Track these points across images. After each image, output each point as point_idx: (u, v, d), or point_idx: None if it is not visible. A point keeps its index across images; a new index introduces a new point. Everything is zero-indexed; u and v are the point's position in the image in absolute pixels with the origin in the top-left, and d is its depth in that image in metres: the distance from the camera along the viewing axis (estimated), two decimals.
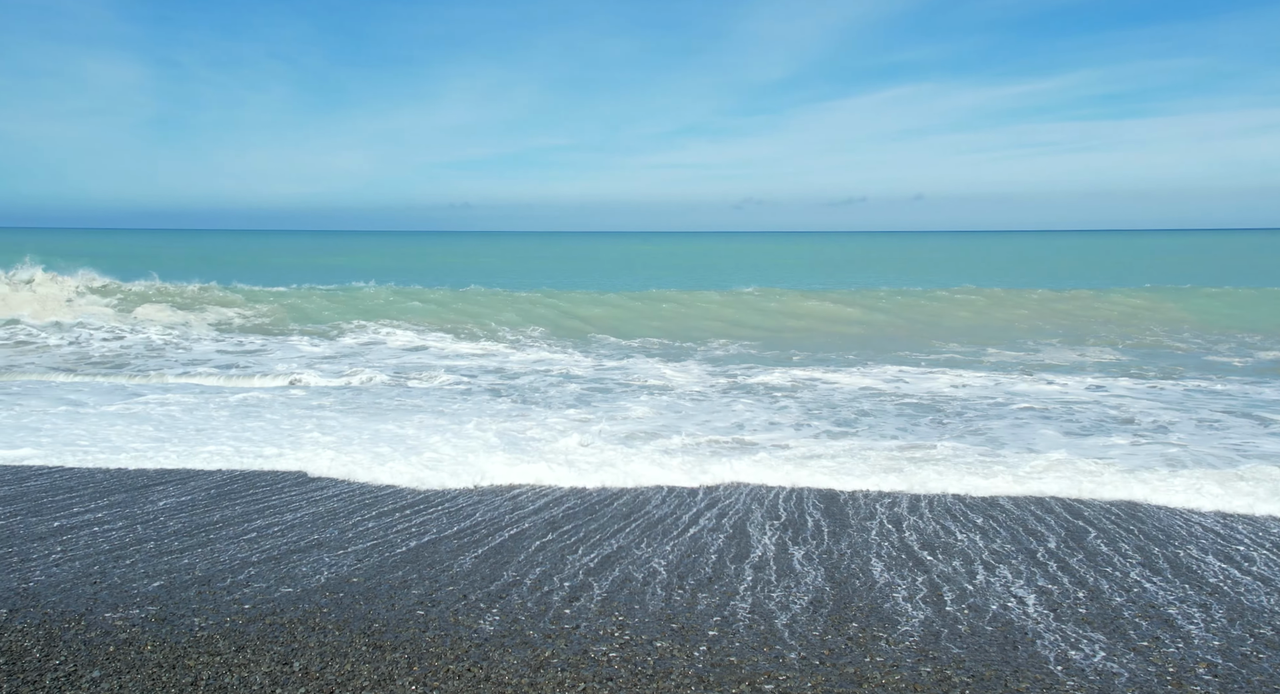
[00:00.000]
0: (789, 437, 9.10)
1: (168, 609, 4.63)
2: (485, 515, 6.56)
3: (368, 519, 6.42)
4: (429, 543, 5.89)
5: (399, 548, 5.78)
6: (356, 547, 5.78)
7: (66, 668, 3.91)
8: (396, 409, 10.49)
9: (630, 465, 7.80)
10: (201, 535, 5.94)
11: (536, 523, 6.39)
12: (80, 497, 6.81)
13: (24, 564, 5.27)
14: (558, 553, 5.71)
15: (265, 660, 4.04)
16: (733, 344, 17.47)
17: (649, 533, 6.16)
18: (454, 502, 6.95)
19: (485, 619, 4.59)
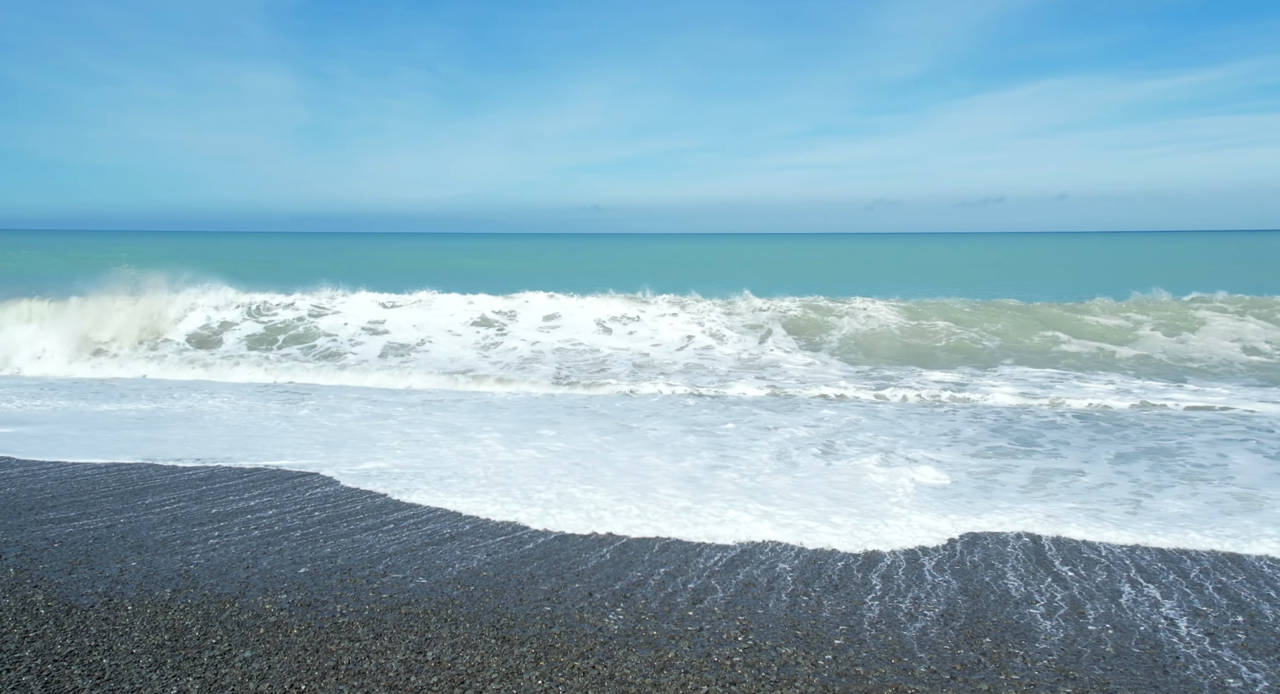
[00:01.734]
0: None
1: (312, 595, 4.88)
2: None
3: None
4: (556, 539, 6.00)
5: (528, 543, 5.91)
6: (487, 542, 5.94)
7: (222, 647, 4.17)
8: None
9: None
10: (344, 525, 6.23)
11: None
12: (236, 487, 7.26)
13: (187, 548, 5.65)
14: (682, 554, 5.72)
15: (401, 649, 4.20)
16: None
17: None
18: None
19: (610, 617, 4.64)
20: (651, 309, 17.98)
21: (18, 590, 4.80)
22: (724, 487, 7.33)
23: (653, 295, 18.56)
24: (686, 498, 6.96)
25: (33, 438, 9.10)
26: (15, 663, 3.91)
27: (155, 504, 6.66)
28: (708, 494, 7.09)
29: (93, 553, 5.48)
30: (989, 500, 6.94)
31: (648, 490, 7.19)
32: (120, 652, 4.07)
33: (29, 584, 4.91)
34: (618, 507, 6.73)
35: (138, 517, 6.32)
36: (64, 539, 5.74)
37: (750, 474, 7.73)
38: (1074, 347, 15.25)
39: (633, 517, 6.49)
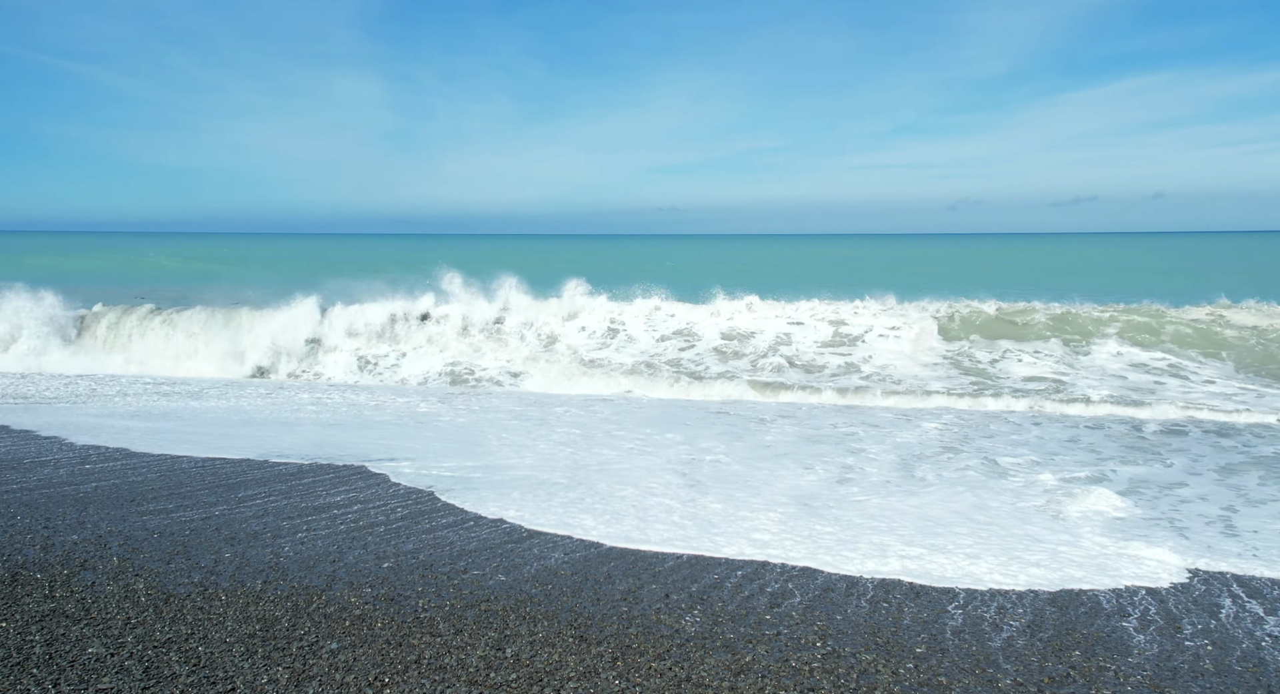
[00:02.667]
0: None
1: (395, 590, 4.99)
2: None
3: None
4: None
5: (605, 543, 5.94)
6: (565, 541, 5.99)
7: (309, 638, 4.30)
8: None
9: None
10: (425, 522, 6.35)
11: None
12: (323, 481, 7.47)
13: (277, 541, 5.84)
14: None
15: (480, 645, 4.26)
16: None
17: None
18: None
19: (687, 619, 4.63)
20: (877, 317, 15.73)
21: (121, 578, 5.03)
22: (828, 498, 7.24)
23: (869, 301, 16.15)
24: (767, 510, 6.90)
25: (173, 433, 9.51)
26: (119, 647, 4.09)
27: (248, 498, 6.90)
28: (752, 501, 7.03)
29: (189, 544, 5.70)
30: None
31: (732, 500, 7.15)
32: (214, 640, 4.22)
33: (131, 572, 5.13)
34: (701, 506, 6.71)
35: (231, 510, 6.55)
36: (163, 530, 5.98)
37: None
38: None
39: (672, 526, 6.47)
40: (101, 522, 6.12)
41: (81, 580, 4.97)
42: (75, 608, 4.56)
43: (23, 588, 4.82)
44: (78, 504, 6.56)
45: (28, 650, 4.02)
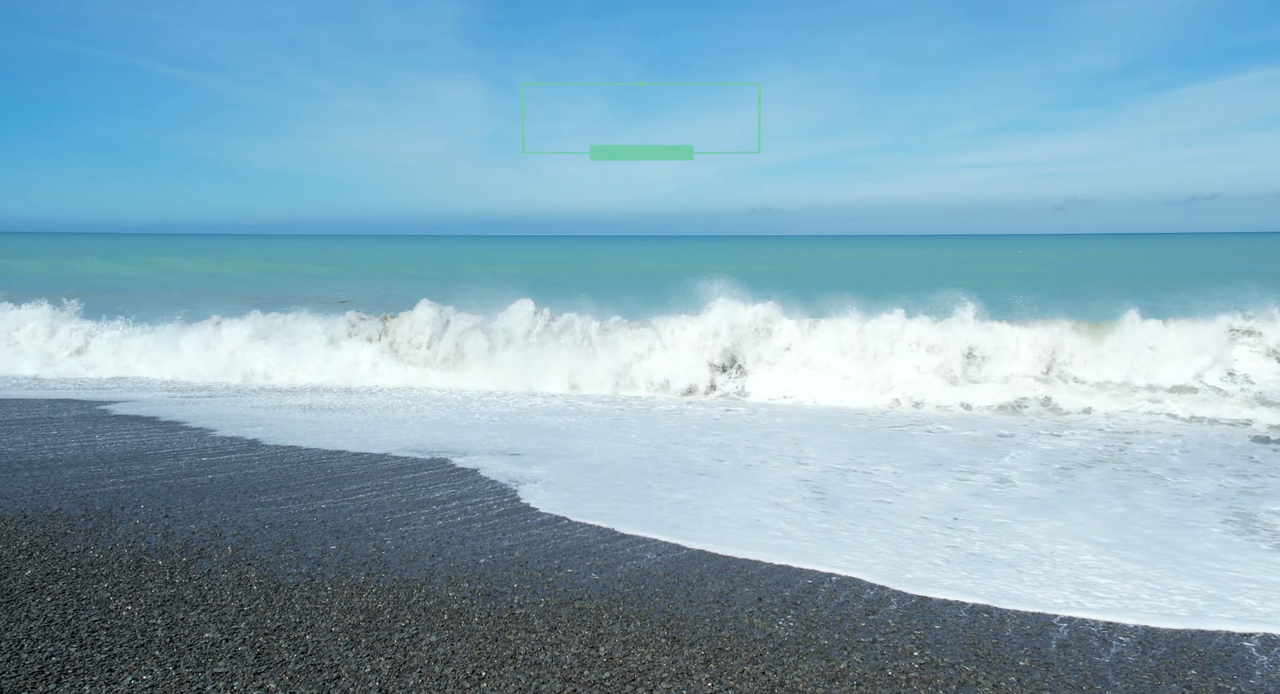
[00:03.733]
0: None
1: (492, 586, 5.09)
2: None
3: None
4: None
5: (697, 545, 5.94)
6: (657, 543, 6.01)
7: (410, 630, 4.42)
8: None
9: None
10: (521, 519, 6.47)
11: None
12: (425, 478, 7.68)
13: (379, 535, 6.02)
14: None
15: (574, 642, 4.31)
16: None
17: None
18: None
19: (780, 624, 4.60)
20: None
21: (234, 567, 5.26)
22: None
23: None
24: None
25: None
26: (233, 633, 4.28)
27: (351, 492, 7.14)
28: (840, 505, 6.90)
29: (297, 535, 5.93)
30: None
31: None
32: (321, 629, 4.38)
33: (243, 562, 5.36)
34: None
35: (336, 503, 6.79)
36: (273, 521, 6.24)
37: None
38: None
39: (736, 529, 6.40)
40: (217, 512, 6.42)
41: (199, 568, 5.22)
42: (193, 594, 4.79)
43: (145, 573, 5.09)
44: (196, 495, 6.90)
45: (150, 633, 4.25)
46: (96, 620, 4.37)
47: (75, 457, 8.16)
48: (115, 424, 10.07)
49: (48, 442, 8.83)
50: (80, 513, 6.28)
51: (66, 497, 6.71)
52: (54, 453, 8.30)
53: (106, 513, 6.30)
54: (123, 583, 4.92)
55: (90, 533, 5.82)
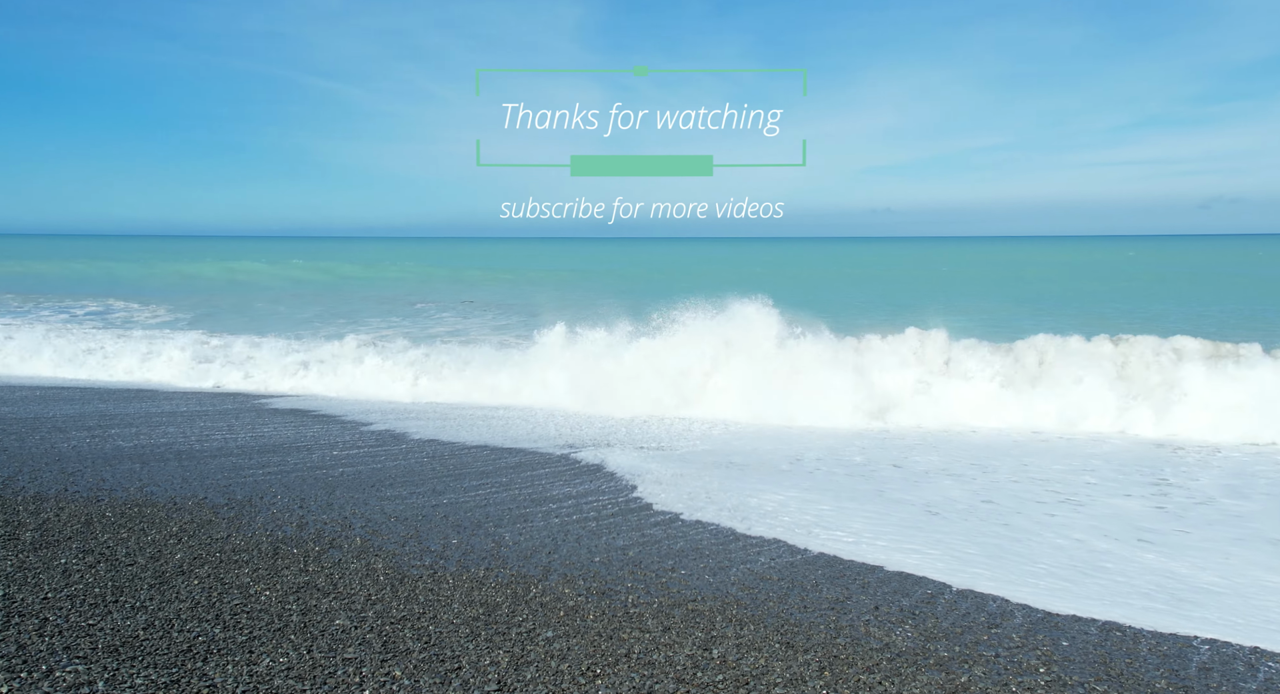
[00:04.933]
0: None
1: (606, 584, 5.16)
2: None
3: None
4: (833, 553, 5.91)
5: (813, 549, 5.87)
6: (772, 544, 5.98)
7: (527, 625, 4.53)
8: None
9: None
10: (633, 519, 6.53)
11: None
12: (542, 476, 7.84)
13: (498, 530, 6.19)
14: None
15: (688, 644, 4.33)
16: None
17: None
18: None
19: (897, 632, 4.50)
20: None
21: (363, 557, 5.50)
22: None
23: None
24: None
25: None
26: (361, 621, 4.48)
27: (472, 487, 7.35)
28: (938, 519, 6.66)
29: (421, 529, 6.15)
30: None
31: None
32: (443, 621, 4.54)
33: (371, 553, 5.60)
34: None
35: (457, 498, 7.01)
36: (399, 514, 6.48)
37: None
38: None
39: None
40: (347, 504, 6.72)
41: (330, 557, 5.47)
42: (325, 582, 5.03)
43: (282, 561, 5.37)
44: (328, 487, 7.24)
45: (286, 618, 4.48)
46: (238, 604, 4.64)
47: (219, 448, 8.67)
48: (270, 417, 10.66)
49: (195, 433, 9.41)
50: (223, 501, 6.67)
51: (211, 486, 7.14)
52: (200, 444, 8.84)
53: (247, 502, 6.67)
54: (261, 569, 5.20)
55: (232, 521, 6.17)
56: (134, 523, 6.00)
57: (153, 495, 6.77)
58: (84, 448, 8.40)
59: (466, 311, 24.13)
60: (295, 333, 17.83)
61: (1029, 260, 67.12)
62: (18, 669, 3.74)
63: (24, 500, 6.45)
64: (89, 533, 5.74)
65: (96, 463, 7.79)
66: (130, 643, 4.08)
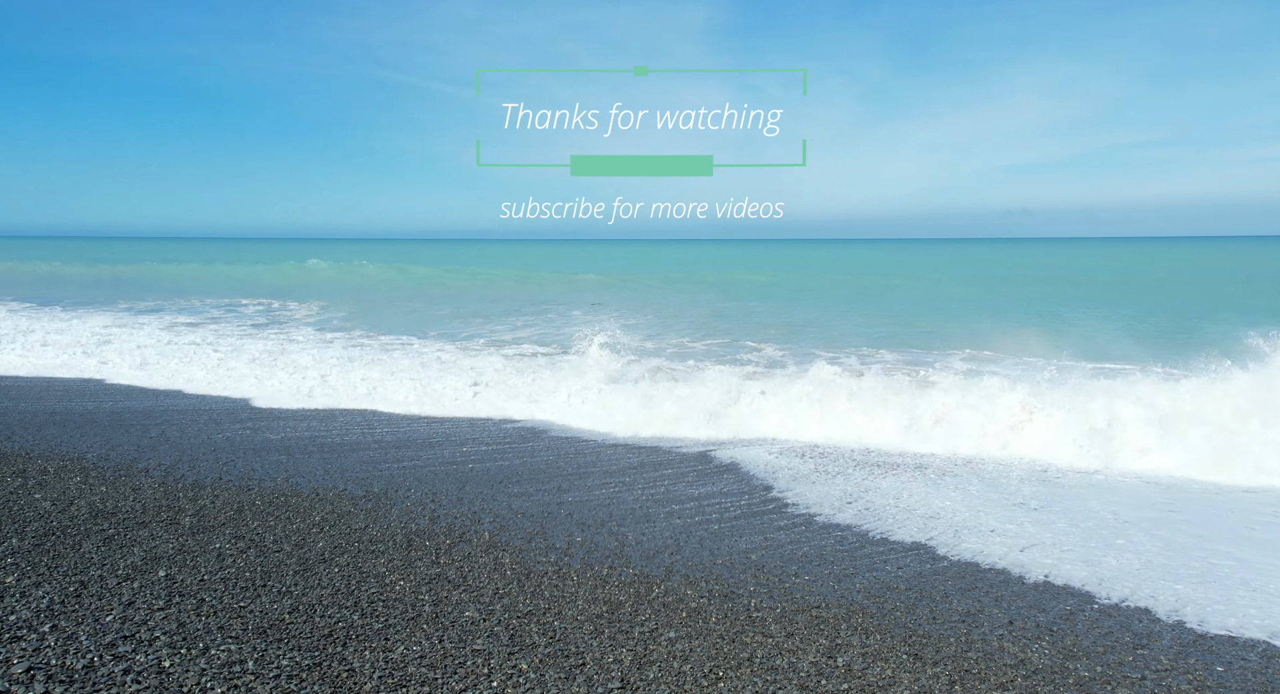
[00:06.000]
0: None
1: (729, 587, 5.14)
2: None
3: (914, 527, 6.44)
4: (973, 560, 5.71)
5: (942, 560, 5.70)
6: (897, 555, 5.83)
7: (650, 625, 4.56)
8: None
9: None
10: (758, 522, 6.48)
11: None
12: (666, 477, 7.88)
13: (620, 529, 6.25)
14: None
15: (811, 651, 4.27)
16: None
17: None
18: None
19: (1033, 649, 4.32)
20: None
21: (491, 552, 5.65)
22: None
23: None
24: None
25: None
26: (489, 614, 4.60)
27: (596, 485, 7.45)
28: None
29: (546, 525, 6.27)
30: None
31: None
32: (567, 617, 4.61)
33: (499, 547, 5.75)
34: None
35: (582, 496, 7.11)
36: (525, 511, 6.63)
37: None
38: None
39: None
40: (476, 500, 6.92)
41: (460, 550, 5.65)
42: (455, 574, 5.19)
43: (415, 553, 5.57)
44: (458, 482, 7.47)
45: (419, 608, 4.65)
46: (374, 592, 4.84)
47: (357, 442, 9.07)
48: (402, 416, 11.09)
49: (335, 427, 9.87)
50: (361, 493, 6.98)
51: (350, 478, 7.48)
52: (340, 438, 9.27)
53: (382, 495, 6.96)
54: (396, 560, 5.41)
55: (369, 512, 6.45)
56: (280, 511, 6.35)
57: (297, 486, 7.14)
58: (237, 439, 8.93)
59: (597, 313, 24.41)
60: (449, 333, 18.48)
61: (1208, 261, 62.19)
62: (178, 646, 4.01)
63: (183, 487, 6.91)
64: (240, 520, 6.10)
65: (247, 453, 8.27)
66: (277, 626, 4.31)
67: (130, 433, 9.00)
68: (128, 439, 8.67)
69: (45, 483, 6.79)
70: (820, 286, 34.81)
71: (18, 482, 6.77)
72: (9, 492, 6.47)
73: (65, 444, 8.27)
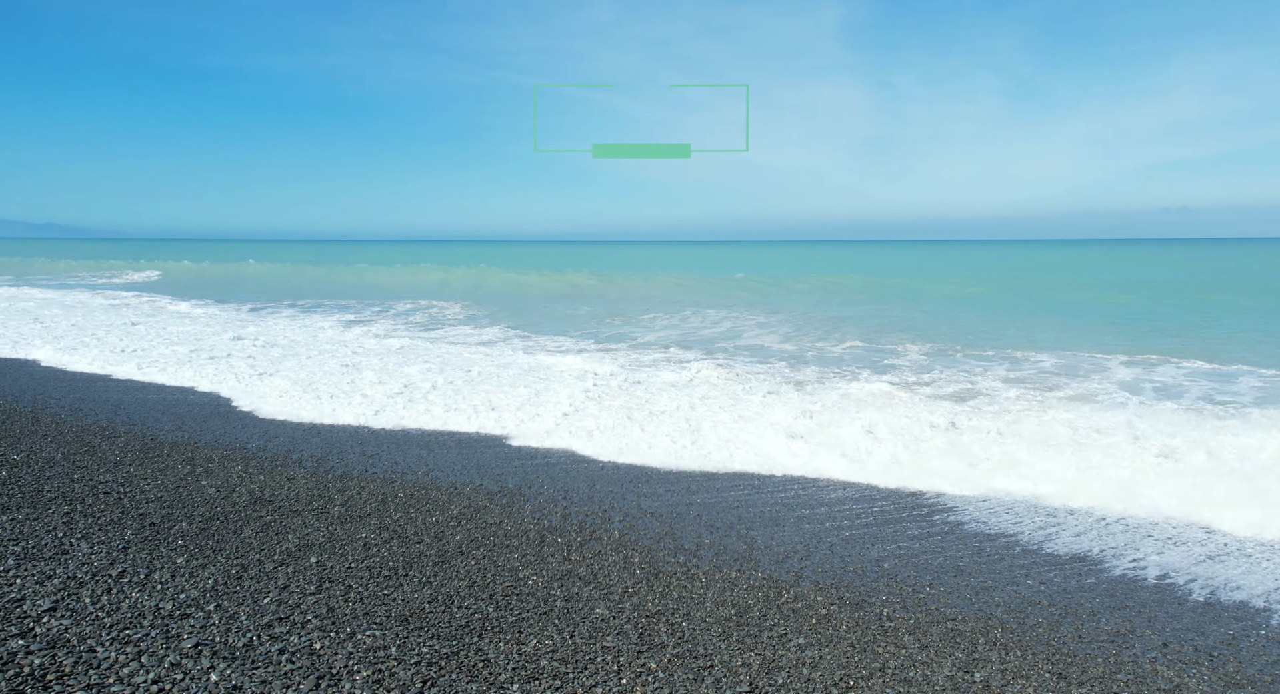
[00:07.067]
0: None
1: (860, 595, 5.04)
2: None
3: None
4: (1129, 575, 5.41)
5: (1090, 577, 5.43)
6: (1041, 569, 5.59)
7: (779, 630, 4.52)
8: None
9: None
10: (890, 530, 6.33)
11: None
12: (795, 482, 7.80)
13: (749, 533, 6.22)
14: None
15: (946, 664, 4.14)
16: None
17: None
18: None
19: (1190, 674, 4.06)
20: None
21: (620, 550, 5.72)
22: None
23: None
24: None
25: None
26: (619, 612, 4.67)
27: (724, 487, 7.45)
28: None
29: (675, 526, 6.31)
30: None
31: None
32: (696, 618, 4.63)
33: (628, 546, 5.82)
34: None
35: (710, 498, 7.12)
36: (654, 511, 6.69)
37: None
38: None
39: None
40: (606, 498, 7.02)
41: (590, 548, 5.75)
42: (586, 572, 5.29)
43: (547, 548, 5.71)
44: (589, 480, 7.60)
45: (551, 603, 4.76)
46: (509, 586, 4.99)
47: (495, 438, 9.35)
48: None
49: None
50: (496, 489, 7.19)
51: (486, 474, 7.72)
52: (476, 434, 9.57)
53: (516, 491, 7.15)
54: (529, 555, 5.56)
55: (504, 508, 6.64)
56: (421, 504, 6.61)
57: (436, 480, 7.42)
58: (381, 434, 9.35)
59: (737, 315, 24.34)
60: (586, 333, 18.83)
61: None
62: (328, 629, 4.23)
63: (333, 478, 7.29)
64: (384, 511, 6.39)
65: (391, 447, 8.65)
66: (418, 614, 4.50)
67: (284, 425, 9.55)
68: (282, 431, 9.20)
69: (210, 471, 7.29)
70: (1010, 292, 32.90)
71: (186, 469, 7.30)
72: (180, 478, 6.98)
73: (228, 435, 8.85)
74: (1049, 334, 19.10)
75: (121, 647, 3.79)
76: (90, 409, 9.77)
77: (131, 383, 12.09)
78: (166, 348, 15.55)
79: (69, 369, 13.15)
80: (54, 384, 11.60)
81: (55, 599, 4.26)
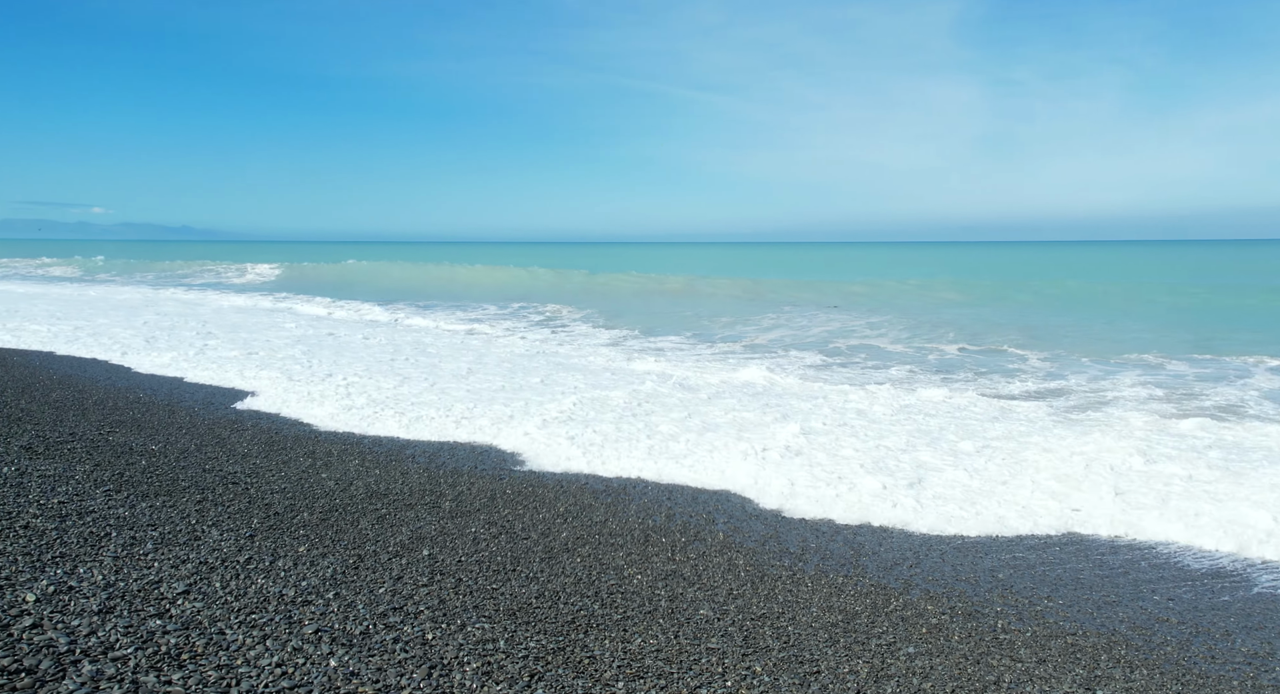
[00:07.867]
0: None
1: (973, 605, 4.89)
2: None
3: (1194, 556, 5.84)
4: (1269, 594, 5.09)
5: (1224, 594, 5.13)
6: (1169, 585, 5.31)
7: (887, 638, 4.42)
8: None
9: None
10: (1002, 539, 6.12)
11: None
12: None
13: (856, 538, 6.10)
14: None
15: (1066, 680, 3.98)
16: None
17: None
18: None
19: None
20: None
21: (725, 552, 5.70)
22: None
23: None
24: None
25: None
26: (723, 614, 4.65)
27: None
28: None
29: (779, 529, 6.25)
30: None
31: None
32: (802, 623, 4.57)
33: (733, 549, 5.79)
34: None
35: None
36: (758, 513, 6.64)
37: None
38: None
39: None
40: (710, 500, 7.00)
41: (695, 549, 5.74)
42: (690, 572, 5.29)
43: (652, 548, 5.73)
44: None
45: (655, 602, 4.78)
46: (614, 584, 5.03)
47: None
48: None
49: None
50: (601, 488, 7.26)
51: (590, 472, 7.80)
52: None
53: (621, 490, 7.21)
54: (634, 554, 5.59)
55: (609, 506, 6.70)
56: (528, 501, 6.73)
57: (543, 478, 7.55)
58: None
59: (834, 314, 24.00)
60: (732, 336, 18.86)
61: None
62: (439, 620, 4.35)
63: (444, 474, 7.49)
64: (493, 506, 6.53)
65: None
66: (525, 609, 4.58)
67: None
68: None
69: (330, 464, 7.58)
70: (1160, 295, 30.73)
71: (308, 462, 7.61)
72: (302, 470, 7.29)
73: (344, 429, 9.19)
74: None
75: (248, 630, 3.97)
76: (220, 402, 10.30)
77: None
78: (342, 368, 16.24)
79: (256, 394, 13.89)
80: (189, 390, 12.27)
81: (189, 583, 4.50)
